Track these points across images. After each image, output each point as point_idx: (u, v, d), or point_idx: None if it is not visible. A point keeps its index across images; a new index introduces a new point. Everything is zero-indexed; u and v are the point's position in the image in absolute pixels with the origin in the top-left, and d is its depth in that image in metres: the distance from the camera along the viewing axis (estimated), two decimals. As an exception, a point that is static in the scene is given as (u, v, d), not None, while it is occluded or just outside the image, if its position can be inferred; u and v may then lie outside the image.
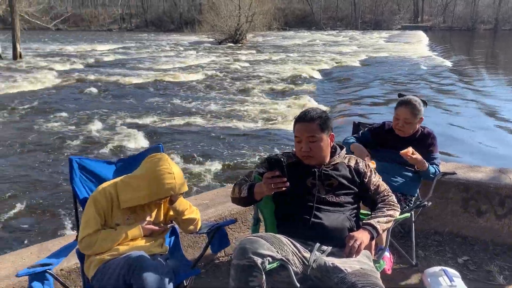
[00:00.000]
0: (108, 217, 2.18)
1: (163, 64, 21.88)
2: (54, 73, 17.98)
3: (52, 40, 39.53)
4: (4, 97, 12.80)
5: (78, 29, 63.45)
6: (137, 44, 37.24)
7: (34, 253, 2.94)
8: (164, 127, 9.15)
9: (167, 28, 67.89)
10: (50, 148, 7.70)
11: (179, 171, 2.22)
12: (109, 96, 12.93)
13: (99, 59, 24.18)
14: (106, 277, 2.00)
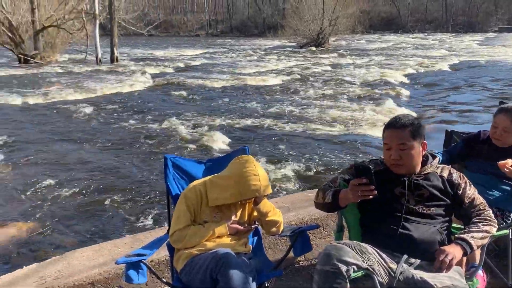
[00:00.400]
0: (197, 214, 2.29)
1: (246, 68, 22.39)
2: (146, 76, 19.20)
3: (144, 45, 42.29)
4: (102, 97, 13.95)
5: (168, 34, 67.18)
6: (222, 49, 38.53)
7: (128, 243, 3.18)
8: (246, 130, 9.37)
9: (250, 33, 69.41)
10: (143, 145, 8.23)
11: (264, 174, 2.28)
12: (195, 99, 13.53)
13: (187, 63, 25.39)
14: (194, 271, 2.11)
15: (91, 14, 24.71)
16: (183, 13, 78.52)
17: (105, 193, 5.89)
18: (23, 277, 2.90)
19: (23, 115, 11.22)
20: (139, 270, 2.06)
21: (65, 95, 14.17)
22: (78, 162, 7.26)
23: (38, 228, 4.88)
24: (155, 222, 4.98)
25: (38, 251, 4.41)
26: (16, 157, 7.55)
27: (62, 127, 9.81)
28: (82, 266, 2.91)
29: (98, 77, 18.92)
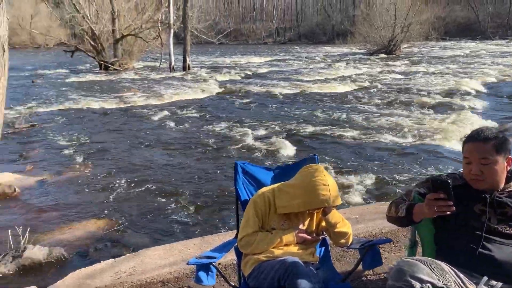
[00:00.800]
0: (265, 220, 2.31)
1: (313, 75, 22.29)
2: (216, 83, 19.77)
3: (215, 53, 43.61)
4: (174, 103, 14.55)
5: (237, 42, 68.75)
6: (289, 56, 38.67)
7: (197, 245, 3.28)
8: (313, 138, 9.30)
9: (318, 40, 69.02)
10: (212, 150, 8.46)
11: (334, 184, 2.25)
12: (262, 106, 13.69)
13: (254, 70, 25.79)
14: (262, 277, 2.13)
15: (166, 24, 25.92)
16: (252, 21, 79.91)
17: (176, 195, 6.12)
18: (100, 271, 3.09)
19: (102, 119, 12.01)
20: (209, 272, 2.11)
21: (139, 101, 14.98)
22: (151, 164, 7.62)
23: (113, 225, 5.18)
24: (222, 226, 5.09)
25: (113, 247, 4.67)
26: (94, 157, 8.09)
27: (136, 131, 10.36)
28: (154, 264, 3.05)
29: (170, 83, 19.79)
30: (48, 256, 4.35)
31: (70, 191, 6.38)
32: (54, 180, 6.85)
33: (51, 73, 25.29)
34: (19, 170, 7.25)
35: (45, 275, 4.14)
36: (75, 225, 5.25)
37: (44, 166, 7.64)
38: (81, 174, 7.15)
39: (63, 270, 4.19)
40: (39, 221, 5.37)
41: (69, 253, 4.50)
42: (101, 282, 2.92)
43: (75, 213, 5.61)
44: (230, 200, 5.81)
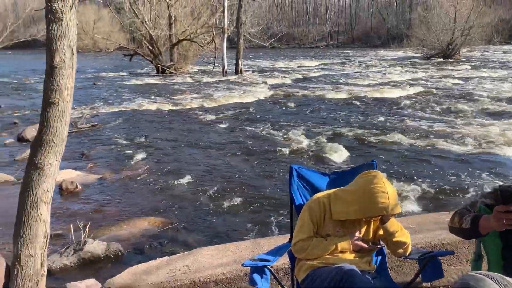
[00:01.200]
0: (320, 226, 2.28)
1: (366, 79, 21.83)
2: (267, 86, 19.87)
3: (267, 57, 43.84)
4: (227, 106, 14.78)
5: (289, 46, 68.72)
6: (342, 60, 38.14)
7: (249, 247, 3.30)
8: (367, 144, 9.10)
9: (372, 43, 67.59)
10: (265, 153, 8.50)
11: (394, 191, 2.18)
12: (314, 110, 13.58)
13: (306, 74, 25.65)
14: (316, 283, 2.10)
15: (220, 28, 26.42)
16: (305, 25, 79.59)
17: (228, 196, 6.20)
18: (155, 268, 3.19)
19: (157, 120, 12.41)
20: (263, 275, 2.12)
21: (193, 103, 15.34)
22: (204, 165, 7.78)
23: (167, 224, 5.33)
24: (275, 229, 5.08)
25: (167, 245, 4.80)
26: (151, 157, 8.38)
27: (190, 132, 10.61)
28: (207, 264, 3.10)
29: (223, 87, 20.12)
30: (106, 251, 4.54)
31: (128, 189, 6.64)
32: (113, 178, 7.16)
33: (111, 76, 26.51)
34: (81, 168, 7.65)
35: (103, 269, 4.33)
36: (131, 222, 5.45)
37: (104, 164, 8.01)
38: (138, 173, 7.42)
39: (120, 265, 4.36)
40: (98, 217, 5.62)
41: (125, 248, 4.68)
42: (157, 279, 3.01)
43: (132, 211, 5.82)
44: (282, 204, 5.80)
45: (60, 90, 3.12)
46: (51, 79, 3.13)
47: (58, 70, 3.09)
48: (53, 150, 3.19)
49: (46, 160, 3.17)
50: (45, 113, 3.16)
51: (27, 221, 3.24)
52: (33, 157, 3.21)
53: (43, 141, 3.18)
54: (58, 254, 4.42)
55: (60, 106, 3.14)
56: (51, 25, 3.08)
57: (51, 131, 3.17)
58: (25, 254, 3.25)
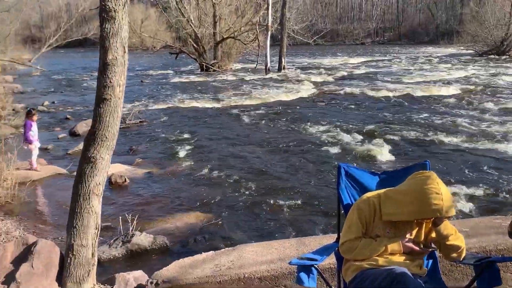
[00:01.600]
0: (369, 227, 2.22)
1: (415, 77, 21.16)
2: (310, 84, 19.69)
3: (310, 54, 43.46)
4: (270, 104, 14.78)
5: (333, 43, 67.77)
6: (388, 57, 37.17)
7: (293, 245, 3.28)
8: (415, 143, 8.82)
9: (420, 40, 65.47)
10: (309, 152, 8.43)
11: (448, 193, 2.09)
12: (359, 108, 13.33)
13: (350, 71, 25.21)
14: (365, 284, 2.05)
15: (264, 26, 26.43)
16: (350, 21, 78.20)
17: (272, 194, 6.20)
18: (201, 262, 3.23)
19: (202, 117, 12.60)
20: (310, 274, 2.09)
21: (237, 101, 15.46)
22: (248, 162, 7.82)
23: (211, 219, 5.39)
24: (320, 228, 5.03)
25: (211, 239, 4.86)
26: (195, 153, 8.52)
27: (233, 129, 10.70)
28: (251, 260, 3.11)
29: (266, 84, 20.13)
30: (153, 244, 4.65)
31: (173, 184, 6.79)
32: (159, 173, 7.34)
33: (157, 73, 27.19)
34: (129, 162, 7.89)
35: (150, 261, 4.44)
36: (176, 216, 5.56)
37: (151, 159, 8.22)
38: (182, 168, 7.57)
39: (165, 257, 4.46)
40: (145, 210, 5.78)
41: (170, 242, 4.78)
42: (202, 273, 3.05)
43: (177, 205, 5.94)
44: (327, 203, 5.72)
45: (112, 87, 3.22)
46: (104, 76, 3.23)
47: (111, 67, 3.19)
48: (105, 144, 3.30)
49: (99, 154, 3.28)
50: (98, 108, 3.28)
51: (80, 213, 3.38)
52: (86, 151, 3.34)
53: (96, 135, 3.29)
54: (107, 245, 4.58)
55: (112, 102, 3.25)
56: (104, 23, 3.18)
57: (104, 126, 3.28)
58: (77, 244, 3.39)
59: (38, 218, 5.57)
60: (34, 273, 3.27)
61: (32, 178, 6.80)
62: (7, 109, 13.24)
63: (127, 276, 3.57)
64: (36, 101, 15.91)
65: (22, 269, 3.26)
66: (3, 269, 3.35)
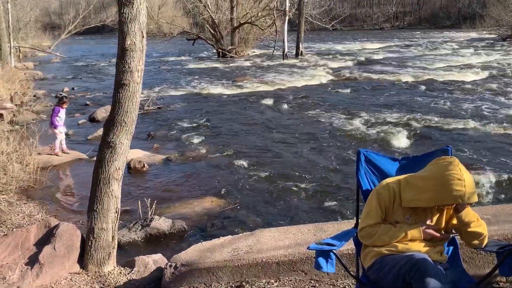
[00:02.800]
0: (389, 213, 2.20)
1: (435, 62, 20.72)
2: (328, 70, 19.47)
3: (328, 39, 42.88)
4: (287, 90, 14.68)
5: (351, 28, 66.67)
6: (408, 42, 36.43)
7: (311, 231, 3.28)
8: (435, 129, 8.68)
9: (441, 24, 63.95)
10: (327, 137, 8.38)
11: (470, 179, 2.04)
12: (377, 94, 13.14)
13: (369, 57, 24.82)
14: (385, 270, 2.04)
15: (281, 11, 26.14)
16: (369, 6, 76.70)
17: (289, 179, 6.20)
18: (219, 246, 3.26)
19: (219, 103, 12.61)
20: (329, 260, 2.08)
21: (253, 87, 15.40)
22: (265, 148, 7.81)
23: (229, 204, 5.43)
24: (337, 214, 5.02)
25: (228, 224, 4.91)
26: (213, 139, 8.55)
27: (250, 116, 10.68)
28: (269, 245, 3.12)
29: (283, 70, 19.99)
30: (171, 228, 4.72)
31: (191, 169, 6.84)
32: (177, 159, 7.40)
33: (174, 60, 27.24)
34: (147, 148, 7.97)
35: (169, 245, 4.51)
36: (195, 201, 5.62)
37: (168, 145, 8.29)
38: (200, 154, 7.61)
39: (184, 241, 4.52)
40: (163, 195, 5.85)
41: (189, 226, 4.84)
42: (220, 256, 3.08)
43: (195, 190, 6.00)
44: (345, 189, 5.70)
45: (131, 72, 3.24)
46: (122, 61, 3.25)
47: (129, 53, 3.20)
48: (124, 129, 3.33)
49: (118, 139, 3.32)
50: (117, 94, 3.30)
51: (100, 197, 3.44)
52: (106, 136, 3.38)
53: (115, 121, 3.33)
54: (127, 229, 4.66)
55: (131, 87, 3.27)
56: (122, 8, 3.18)
57: (123, 111, 3.31)
58: (98, 227, 3.46)
59: (60, 202, 5.69)
60: (56, 255, 3.35)
61: (54, 163, 6.93)
62: (28, 95, 13.49)
63: (147, 259, 3.63)
64: (56, 87, 16.14)
65: (45, 251, 3.34)
66: (26, 251, 3.44)
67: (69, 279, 3.33)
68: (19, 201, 5.36)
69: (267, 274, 2.98)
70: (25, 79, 16.80)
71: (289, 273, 2.96)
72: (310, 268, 2.93)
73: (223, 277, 3.01)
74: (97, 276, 3.41)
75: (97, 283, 3.32)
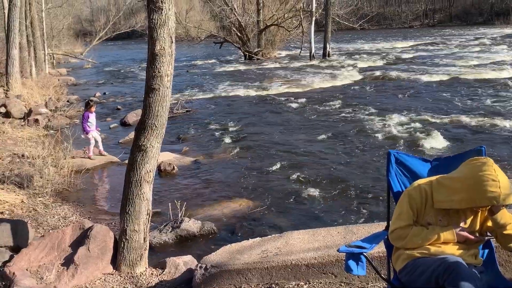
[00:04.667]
0: (420, 215, 2.16)
1: (467, 60, 20.16)
2: (356, 70, 19.25)
3: (356, 39, 42.42)
4: (315, 91, 14.61)
5: (380, 27, 65.71)
6: (439, 40, 35.59)
7: (340, 233, 3.25)
8: (469, 129, 8.45)
9: (473, 21, 62.15)
10: (356, 138, 8.29)
11: (506, 180, 1.98)
12: (408, 93, 12.90)
13: (398, 56, 24.40)
14: (417, 273, 2.00)
15: (308, 12, 26.04)
16: (397, 4, 75.37)
17: (318, 181, 6.16)
18: (249, 248, 3.27)
19: (247, 105, 12.66)
20: (359, 262, 2.07)
21: (281, 88, 15.39)
22: (293, 150, 7.79)
23: (257, 206, 5.44)
24: (367, 216, 4.95)
25: (257, 226, 4.92)
26: (241, 141, 8.60)
27: (278, 118, 10.68)
28: (298, 247, 3.11)
29: (310, 71, 19.90)
30: (201, 229, 4.77)
31: (219, 172, 6.90)
32: (206, 161, 7.48)
33: (202, 63, 27.55)
34: (177, 150, 8.09)
35: (198, 246, 4.56)
36: (223, 203, 5.66)
37: (197, 147, 8.39)
38: (228, 156, 7.66)
39: (213, 243, 4.56)
40: (192, 197, 5.92)
41: (218, 228, 4.88)
42: (249, 258, 3.09)
43: (223, 192, 6.04)
44: (375, 191, 5.62)
45: (161, 77, 3.30)
46: (152, 66, 3.32)
47: (159, 58, 3.27)
48: (154, 133, 3.40)
49: (149, 142, 3.39)
50: (148, 98, 3.37)
51: (132, 199, 3.52)
52: (137, 140, 3.46)
53: (146, 124, 3.40)
54: (158, 231, 4.74)
55: (161, 92, 3.33)
56: (152, 14, 3.25)
57: (153, 115, 3.37)
58: (130, 229, 3.53)
59: (93, 204, 5.85)
60: (90, 256, 3.45)
61: (87, 166, 7.13)
62: (62, 101, 13.93)
63: (177, 261, 3.69)
64: (89, 92, 16.60)
65: (79, 252, 3.44)
66: (62, 252, 3.56)
67: (103, 280, 3.42)
68: (54, 203, 5.54)
69: (296, 277, 2.98)
70: (59, 85, 17.36)
71: (319, 276, 2.95)
72: (340, 271, 2.91)
73: (253, 279, 3.02)
74: (130, 277, 3.49)
75: (130, 284, 3.40)
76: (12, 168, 6.38)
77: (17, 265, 3.30)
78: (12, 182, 5.64)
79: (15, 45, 13.47)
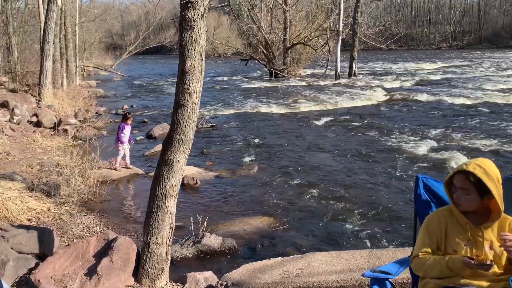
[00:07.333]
0: (441, 242, 2.11)
1: (498, 83, 19.77)
2: (382, 90, 19.11)
3: (382, 59, 42.22)
4: (340, 110, 14.54)
5: (407, 48, 65.30)
6: (468, 62, 35.07)
7: (364, 257, 3.19)
8: (499, 154, 8.23)
9: (504, 44, 61.13)
10: (381, 160, 8.17)
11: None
12: (435, 116, 12.70)
13: (425, 77, 24.12)
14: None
15: (335, 31, 26.12)
16: (426, 25, 74.88)
17: (341, 202, 6.09)
18: (270, 267, 3.25)
19: (271, 122, 12.70)
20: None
21: (306, 107, 15.40)
22: (317, 169, 7.74)
23: (279, 224, 5.41)
24: (392, 241, 4.84)
25: (278, 245, 4.87)
26: (264, 158, 8.60)
27: (302, 136, 10.65)
28: (320, 269, 3.07)
29: (335, 90, 19.85)
30: (222, 245, 4.76)
31: (241, 187, 6.90)
32: (229, 176, 7.50)
33: (228, 79, 27.87)
34: (200, 165, 8.15)
35: (219, 262, 4.54)
36: (244, 219, 5.64)
37: (220, 162, 8.43)
38: (251, 173, 7.67)
39: (234, 260, 4.54)
40: (214, 212, 5.93)
41: (239, 244, 4.85)
42: (270, 278, 3.07)
43: (245, 208, 6.03)
44: (401, 215, 5.50)
45: (190, 93, 3.36)
46: (182, 82, 3.38)
47: (189, 75, 3.33)
48: (181, 148, 3.44)
49: (175, 157, 3.43)
50: (176, 114, 3.43)
51: (156, 212, 3.55)
52: (164, 154, 3.50)
53: (173, 139, 3.45)
54: (179, 245, 4.75)
55: (189, 108, 3.38)
56: (184, 32, 3.33)
57: (180, 130, 3.42)
58: (153, 242, 3.56)
59: (116, 215, 5.92)
60: (113, 267, 3.49)
61: (112, 177, 7.25)
62: (90, 112, 14.28)
63: (198, 276, 3.68)
64: (117, 105, 16.98)
65: (103, 263, 3.48)
66: (86, 262, 3.60)
67: (124, 291, 3.44)
68: (79, 213, 5.63)
69: (318, 299, 2.93)
70: (88, 96, 17.84)
71: (341, 300, 2.90)
72: (363, 296, 2.86)
73: (273, 299, 2.99)
74: (151, 290, 3.49)
75: (150, 297, 3.40)
76: (41, 177, 6.55)
77: (42, 273, 3.36)
78: (40, 190, 5.77)
79: (49, 57, 13.96)
